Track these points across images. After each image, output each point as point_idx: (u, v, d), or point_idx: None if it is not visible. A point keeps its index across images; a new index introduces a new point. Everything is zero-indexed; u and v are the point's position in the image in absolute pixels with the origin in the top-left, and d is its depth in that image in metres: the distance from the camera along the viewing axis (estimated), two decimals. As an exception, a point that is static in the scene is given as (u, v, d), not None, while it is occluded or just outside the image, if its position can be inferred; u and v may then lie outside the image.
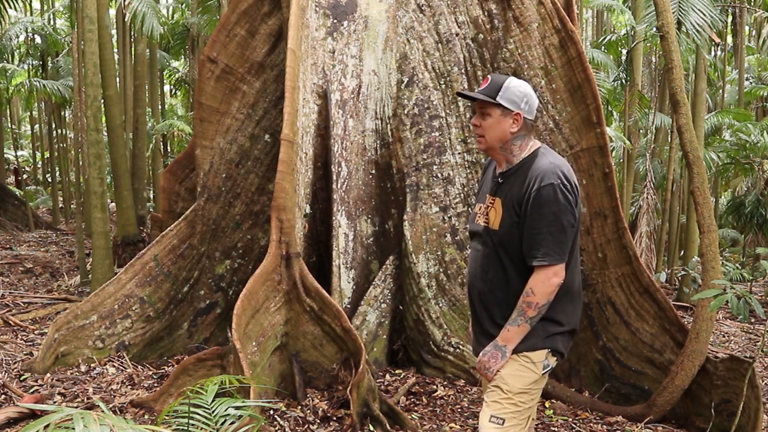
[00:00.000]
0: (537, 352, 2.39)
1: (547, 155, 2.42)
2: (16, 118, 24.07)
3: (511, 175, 2.44)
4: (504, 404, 2.36)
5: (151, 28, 9.45)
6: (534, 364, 2.39)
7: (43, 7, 18.68)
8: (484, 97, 2.39)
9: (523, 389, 2.38)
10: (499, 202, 2.43)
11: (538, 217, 2.29)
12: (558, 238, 2.29)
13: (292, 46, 4.61)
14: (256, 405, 3.41)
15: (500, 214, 2.41)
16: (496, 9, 5.10)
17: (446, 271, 5.10)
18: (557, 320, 2.41)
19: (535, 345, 2.38)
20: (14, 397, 4.22)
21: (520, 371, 2.38)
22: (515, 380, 2.38)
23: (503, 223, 2.40)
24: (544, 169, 2.33)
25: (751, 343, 6.95)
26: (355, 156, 5.23)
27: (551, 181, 2.29)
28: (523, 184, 2.36)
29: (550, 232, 2.29)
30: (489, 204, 2.49)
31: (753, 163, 9.92)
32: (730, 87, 15.69)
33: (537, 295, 2.31)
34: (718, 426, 4.03)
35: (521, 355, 2.38)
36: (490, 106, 2.41)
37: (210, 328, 5.38)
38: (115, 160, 8.31)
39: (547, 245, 2.29)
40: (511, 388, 2.37)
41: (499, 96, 2.38)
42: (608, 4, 10.93)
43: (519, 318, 2.34)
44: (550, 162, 2.36)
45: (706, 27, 7.34)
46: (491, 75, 2.43)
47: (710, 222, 4.21)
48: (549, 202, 2.28)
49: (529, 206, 2.31)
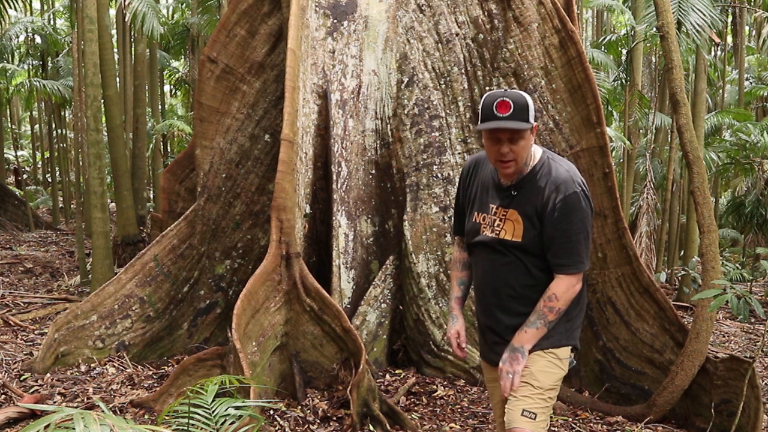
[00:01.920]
0: (562, 349, 2.43)
1: (558, 162, 2.40)
2: (16, 118, 24.08)
3: (525, 186, 2.39)
4: (536, 399, 2.38)
5: (151, 28, 9.46)
6: (560, 361, 2.43)
7: (43, 7, 18.69)
8: (522, 124, 2.26)
9: (553, 385, 2.42)
10: (516, 213, 2.39)
11: (567, 226, 2.30)
12: (585, 245, 2.33)
13: (292, 46, 4.61)
14: (256, 405, 3.41)
15: (521, 226, 2.38)
16: (496, 9, 5.10)
17: (446, 271, 5.10)
18: (572, 315, 2.46)
19: (559, 342, 2.42)
20: (14, 397, 4.22)
21: (549, 367, 2.41)
22: (545, 376, 2.40)
23: (526, 235, 2.37)
24: (564, 177, 2.32)
25: (751, 343, 6.95)
26: (355, 156, 5.23)
27: (575, 189, 2.29)
28: (540, 194, 2.33)
29: (579, 241, 2.31)
30: (501, 216, 2.44)
31: (753, 163, 9.92)
32: (730, 87, 15.69)
33: (561, 300, 2.33)
34: (718, 426, 4.03)
35: (547, 352, 2.41)
36: (524, 130, 2.29)
37: (210, 328, 5.38)
38: (115, 160, 8.31)
39: (578, 253, 2.32)
40: (542, 384, 2.39)
41: (530, 117, 2.28)
42: (608, 4, 10.93)
43: (539, 321, 2.35)
44: (566, 170, 2.35)
45: (706, 27, 7.34)
46: (507, 97, 2.27)
47: (710, 222, 4.21)
48: (576, 210, 2.29)
49: (555, 216, 2.30)
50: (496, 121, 2.25)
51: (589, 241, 2.35)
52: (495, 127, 2.27)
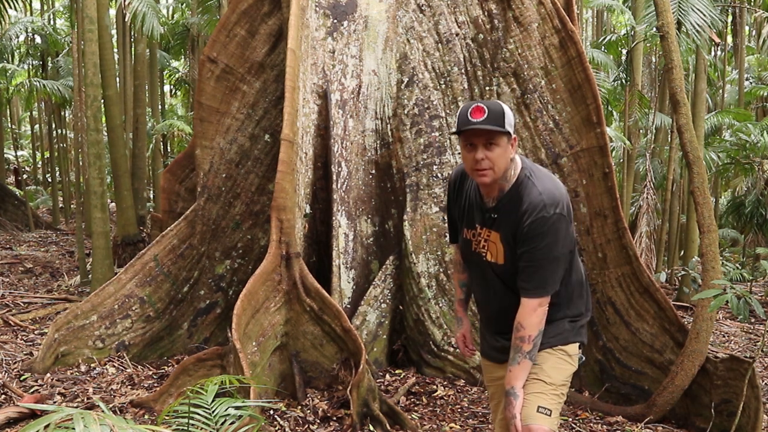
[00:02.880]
0: (570, 345, 2.45)
1: (536, 179, 2.33)
2: (16, 118, 24.08)
3: (504, 206, 2.37)
4: (549, 395, 2.39)
5: (151, 28, 9.46)
6: (570, 357, 2.45)
7: (43, 7, 18.69)
8: (495, 127, 2.23)
9: (564, 381, 2.44)
10: (497, 236, 2.39)
11: (530, 250, 2.27)
12: (551, 270, 2.29)
13: (292, 46, 4.61)
14: (256, 405, 3.41)
15: (501, 249, 2.38)
16: (496, 9, 5.10)
17: (446, 271, 5.10)
18: (576, 312, 2.47)
19: (566, 339, 2.44)
20: (14, 397, 4.22)
21: (560, 363, 2.43)
22: (557, 373, 2.42)
23: (507, 257, 2.38)
24: (535, 201, 2.26)
25: (751, 343, 6.95)
26: (355, 156, 5.23)
27: (543, 214, 2.24)
28: (515, 216, 2.31)
29: (542, 266, 2.28)
30: (486, 237, 2.43)
31: (753, 163, 9.92)
32: (730, 87, 15.69)
33: (527, 327, 2.31)
34: (718, 426, 4.03)
35: (557, 349, 2.43)
36: (499, 136, 2.26)
37: (210, 328, 5.38)
38: (115, 160, 8.31)
39: (540, 278, 2.29)
40: (554, 381, 2.40)
41: (506, 123, 2.26)
42: (608, 4, 10.93)
43: (517, 356, 2.34)
44: (539, 192, 2.28)
45: (706, 27, 7.34)
46: (481, 103, 2.27)
47: (710, 222, 4.21)
48: (542, 234, 2.24)
49: (524, 237, 2.28)
50: (470, 125, 2.23)
51: (557, 265, 2.30)
52: (468, 128, 2.24)
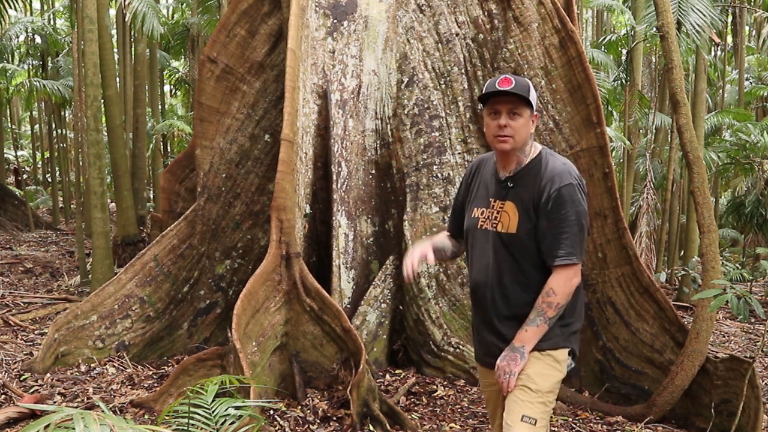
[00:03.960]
0: (559, 351, 2.40)
1: (556, 156, 2.42)
2: (16, 118, 24.07)
3: (522, 178, 2.40)
4: (535, 404, 2.35)
5: (152, 28, 9.46)
6: (558, 363, 2.40)
7: (43, 7, 18.69)
8: (524, 97, 2.32)
9: (551, 388, 2.39)
10: (512, 205, 2.39)
11: (561, 217, 2.29)
12: (580, 238, 2.31)
13: (292, 46, 4.61)
14: (256, 405, 3.41)
15: (516, 218, 2.38)
16: (496, 9, 5.10)
17: (446, 271, 5.10)
18: (570, 319, 2.43)
19: (557, 344, 2.39)
20: (14, 397, 4.22)
21: (547, 370, 2.38)
22: (543, 380, 2.37)
23: (521, 226, 2.37)
24: (560, 170, 2.33)
25: (751, 343, 6.95)
26: (355, 156, 5.23)
27: (570, 181, 2.29)
28: (536, 186, 2.34)
29: (573, 232, 2.29)
30: (498, 209, 2.44)
31: (753, 163, 9.92)
32: (730, 87, 15.69)
33: (558, 295, 2.30)
34: (718, 426, 4.03)
35: (545, 354, 2.38)
36: (523, 106, 2.34)
37: (210, 328, 5.38)
38: (115, 160, 8.31)
39: (570, 245, 2.29)
40: (540, 388, 2.36)
41: (530, 96, 2.34)
42: (608, 4, 10.93)
43: (538, 318, 2.32)
44: (563, 163, 2.36)
45: (706, 27, 7.34)
46: (510, 75, 2.36)
47: (710, 222, 4.21)
48: (571, 201, 2.28)
49: (549, 206, 2.30)
50: (496, 90, 2.31)
51: (584, 235, 2.33)
52: (495, 93, 2.32)
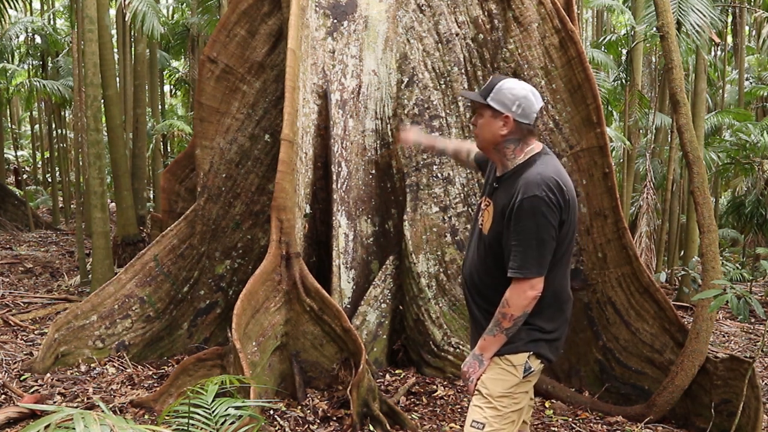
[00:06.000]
0: (518, 356, 2.36)
1: (540, 164, 2.34)
2: (16, 118, 24.07)
3: (505, 181, 2.41)
4: (484, 408, 2.34)
5: (152, 27, 9.46)
6: (514, 367, 2.36)
7: (43, 7, 18.69)
8: (475, 96, 2.38)
9: (504, 393, 2.35)
10: (491, 208, 2.42)
11: (518, 229, 2.26)
12: (537, 251, 2.24)
13: (292, 46, 4.61)
14: (256, 405, 3.41)
15: (491, 220, 2.40)
16: (496, 9, 5.10)
17: (446, 271, 5.10)
18: (541, 327, 2.38)
19: (516, 348, 2.36)
20: (14, 397, 4.22)
21: (501, 375, 2.36)
22: (495, 384, 2.36)
23: (492, 228, 2.39)
24: (532, 180, 2.26)
25: (751, 343, 6.95)
26: (355, 156, 5.23)
27: (536, 193, 2.22)
28: (510, 193, 2.32)
29: (529, 245, 2.24)
30: (484, 207, 2.49)
31: (753, 163, 9.92)
32: (730, 87, 15.69)
33: (512, 306, 2.28)
34: (718, 426, 4.03)
35: (502, 359, 2.36)
36: (482, 107, 2.38)
37: (210, 328, 5.38)
38: (115, 160, 8.31)
39: (524, 258, 2.25)
40: (491, 392, 2.35)
41: (489, 97, 2.34)
42: (608, 4, 10.92)
43: (495, 328, 2.32)
44: (538, 173, 2.28)
45: (705, 27, 7.34)
46: (493, 76, 2.44)
47: (710, 222, 4.21)
48: (532, 214, 2.22)
49: (512, 216, 2.27)
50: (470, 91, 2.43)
51: (544, 249, 2.25)
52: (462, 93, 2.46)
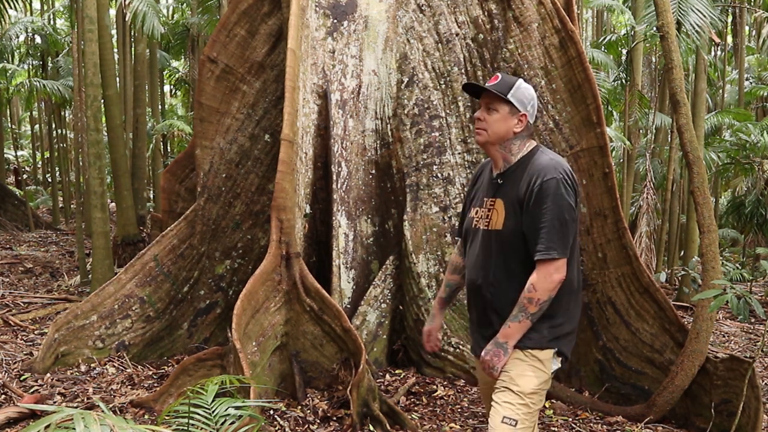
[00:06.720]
0: (544, 351, 2.38)
1: (547, 153, 2.45)
2: (16, 118, 24.07)
3: (510, 174, 2.45)
4: (516, 405, 2.34)
5: (152, 27, 9.46)
6: (542, 363, 2.38)
7: (43, 7, 18.69)
8: (497, 91, 2.40)
9: (534, 389, 2.37)
10: (501, 203, 2.43)
11: (541, 211, 2.30)
12: (561, 232, 2.29)
13: (292, 46, 4.61)
14: (256, 405, 3.41)
15: (503, 215, 2.41)
16: (496, 9, 5.10)
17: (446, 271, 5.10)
18: (561, 320, 2.41)
19: (542, 344, 2.37)
20: (14, 397, 4.22)
21: (530, 371, 2.37)
22: (526, 381, 2.36)
23: (507, 223, 2.40)
24: (545, 164, 2.35)
25: (751, 343, 6.95)
26: (355, 156, 5.23)
27: (554, 176, 2.31)
28: (523, 182, 2.37)
29: (553, 226, 2.28)
30: (489, 206, 2.48)
31: (753, 163, 9.92)
32: (730, 87, 15.69)
33: (539, 290, 2.29)
34: (718, 426, 4.03)
35: (528, 355, 2.37)
36: (499, 102, 2.42)
37: (210, 328, 5.38)
38: (115, 160, 8.31)
39: (549, 239, 2.28)
40: (522, 389, 2.35)
41: (510, 94, 2.40)
42: (608, 4, 10.92)
43: (520, 314, 2.32)
44: (550, 158, 2.39)
45: (706, 27, 7.34)
46: (500, 73, 2.47)
47: (710, 222, 4.21)
48: (552, 195, 2.29)
49: (531, 201, 2.32)
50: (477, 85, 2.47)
51: (567, 229, 2.30)
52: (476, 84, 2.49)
